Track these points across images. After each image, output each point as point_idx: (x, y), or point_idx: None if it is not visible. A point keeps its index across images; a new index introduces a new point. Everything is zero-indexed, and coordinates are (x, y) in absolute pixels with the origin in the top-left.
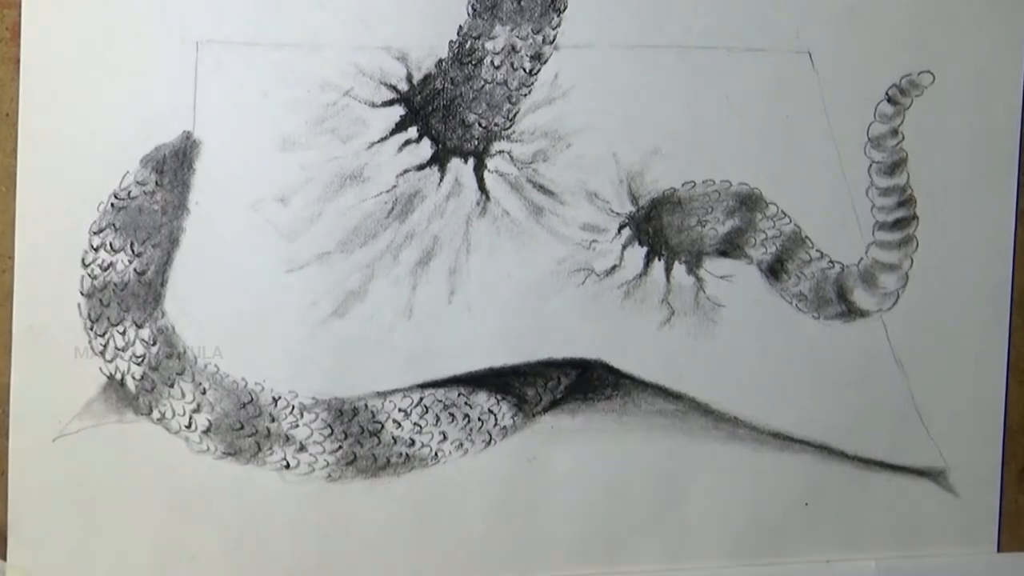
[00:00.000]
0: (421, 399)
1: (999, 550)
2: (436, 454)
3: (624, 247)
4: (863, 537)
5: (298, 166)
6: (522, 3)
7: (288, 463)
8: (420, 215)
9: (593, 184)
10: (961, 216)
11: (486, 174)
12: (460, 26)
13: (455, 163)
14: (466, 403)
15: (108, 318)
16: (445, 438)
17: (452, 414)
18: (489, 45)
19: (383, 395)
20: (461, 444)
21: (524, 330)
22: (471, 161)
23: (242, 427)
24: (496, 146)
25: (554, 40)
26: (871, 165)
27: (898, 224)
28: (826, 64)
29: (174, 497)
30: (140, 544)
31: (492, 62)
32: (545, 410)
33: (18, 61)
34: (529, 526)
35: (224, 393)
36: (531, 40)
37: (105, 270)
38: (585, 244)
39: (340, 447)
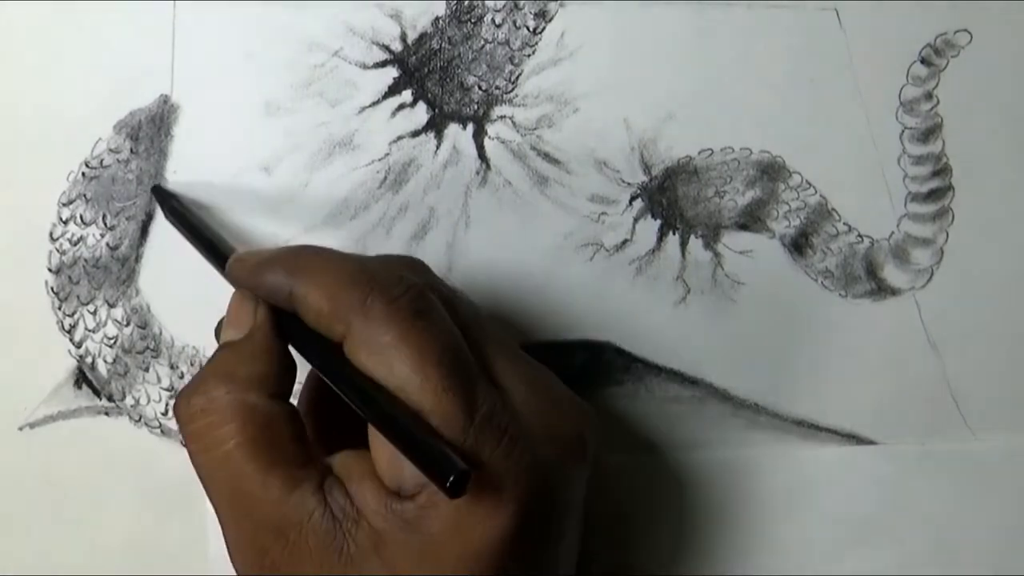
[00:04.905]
0: None
1: None
2: None
3: (636, 220)
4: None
5: (283, 132)
6: None
7: None
8: (415, 185)
9: (602, 152)
10: (1000, 186)
11: (486, 141)
12: None
13: (453, 129)
14: None
15: (78, 296)
16: None
17: None
18: (489, 2)
19: None
20: None
21: (528, 309)
22: (470, 127)
23: None
24: (497, 111)
25: None
26: (903, 131)
27: (932, 195)
28: (854, 21)
29: (150, 490)
30: (114, 539)
31: (493, 20)
32: None
33: None
34: None
35: None
36: None
37: (75, 244)
38: (593, 217)
39: None
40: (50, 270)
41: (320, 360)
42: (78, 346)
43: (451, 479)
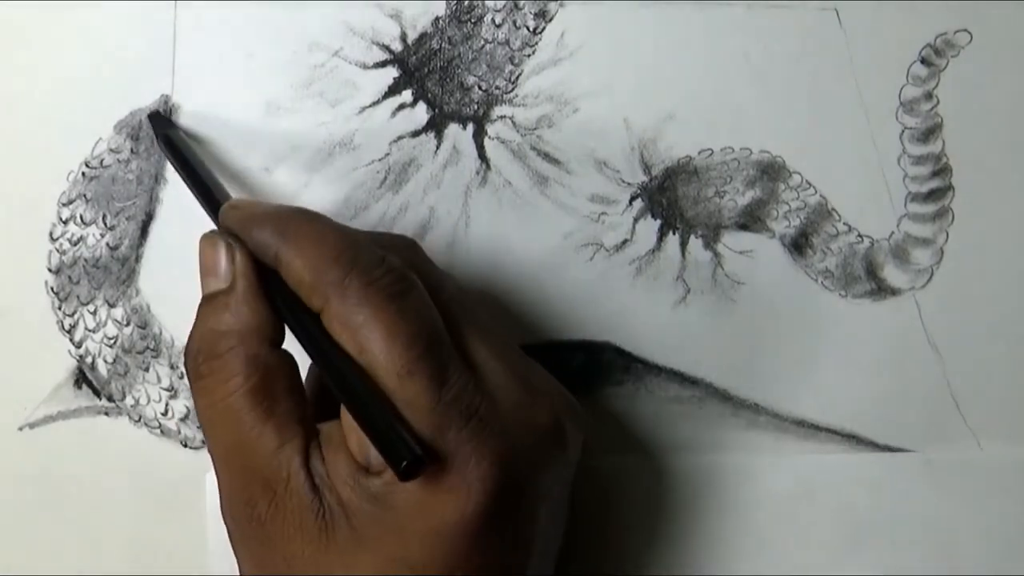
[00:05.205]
0: None
1: None
2: None
3: (636, 220)
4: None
5: (283, 132)
6: None
7: None
8: (415, 185)
9: (602, 152)
10: (1000, 186)
11: (486, 141)
12: None
13: (453, 129)
14: None
15: (78, 296)
16: None
17: None
18: (489, 2)
19: None
20: None
21: (527, 309)
22: (470, 127)
23: None
24: (497, 111)
25: None
26: (903, 131)
27: (932, 195)
28: (855, 21)
29: (150, 489)
30: (114, 539)
31: (493, 20)
32: None
33: None
34: None
35: None
36: None
37: (75, 244)
38: (593, 217)
39: None
40: (50, 270)
41: (296, 324)
42: (78, 346)
43: (404, 463)
